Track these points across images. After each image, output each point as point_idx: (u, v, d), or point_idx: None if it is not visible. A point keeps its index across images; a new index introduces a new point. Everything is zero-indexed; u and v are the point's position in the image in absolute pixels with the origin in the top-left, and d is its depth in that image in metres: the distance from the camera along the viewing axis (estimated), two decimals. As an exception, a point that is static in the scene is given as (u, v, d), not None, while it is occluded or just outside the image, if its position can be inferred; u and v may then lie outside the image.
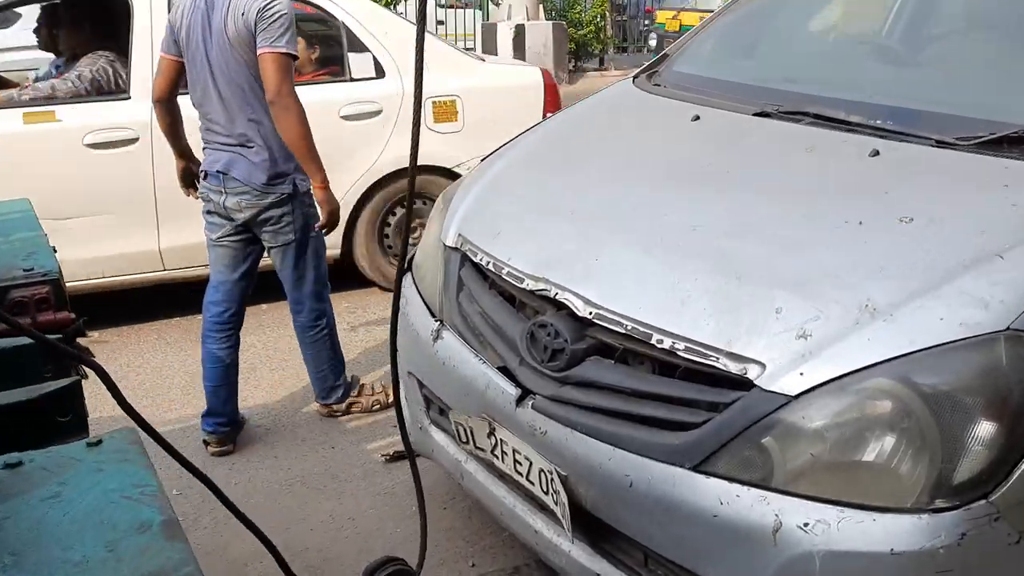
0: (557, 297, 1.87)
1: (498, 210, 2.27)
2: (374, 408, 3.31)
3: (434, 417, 2.35)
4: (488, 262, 2.11)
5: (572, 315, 1.83)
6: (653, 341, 1.67)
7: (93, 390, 3.11)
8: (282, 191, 2.91)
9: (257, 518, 2.68)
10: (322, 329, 3.18)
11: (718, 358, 1.58)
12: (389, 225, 4.56)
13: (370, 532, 2.59)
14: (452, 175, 4.31)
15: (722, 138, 2.24)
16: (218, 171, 2.91)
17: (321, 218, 2.99)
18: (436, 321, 2.23)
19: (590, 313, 1.79)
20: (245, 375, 3.60)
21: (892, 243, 1.66)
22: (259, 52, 2.73)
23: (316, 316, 3.16)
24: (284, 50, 2.74)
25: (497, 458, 2.01)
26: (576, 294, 1.83)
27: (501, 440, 1.97)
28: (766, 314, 1.59)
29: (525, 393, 1.89)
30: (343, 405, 3.30)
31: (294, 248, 3.02)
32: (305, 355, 3.21)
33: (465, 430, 2.08)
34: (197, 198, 3.19)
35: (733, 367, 1.56)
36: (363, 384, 3.39)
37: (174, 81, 3.01)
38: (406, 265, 2.57)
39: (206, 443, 3.11)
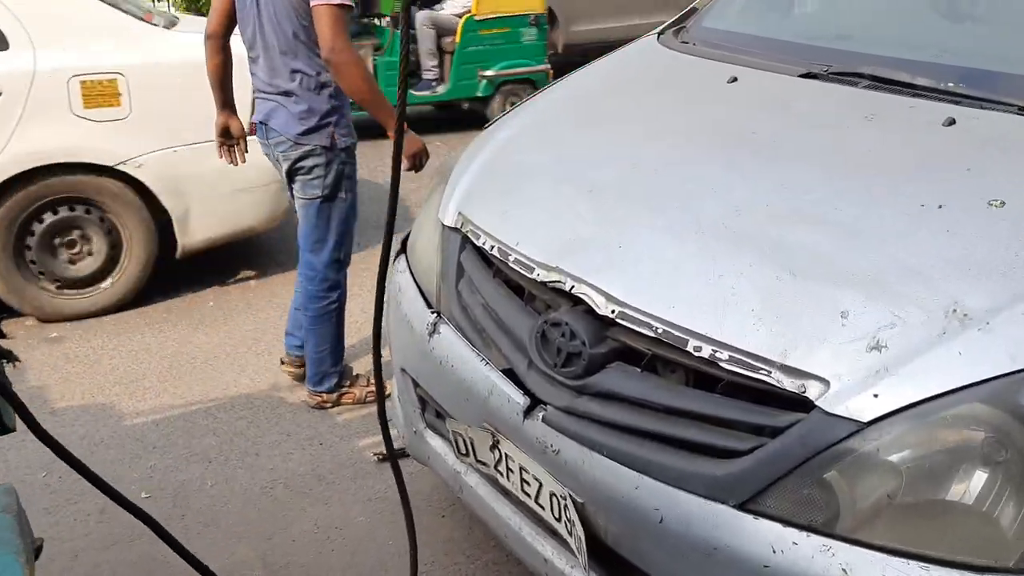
0: (573, 291, 1.60)
1: (505, 185, 2.00)
2: (368, 400, 3.06)
3: (430, 420, 2.10)
4: (492, 246, 1.84)
5: (591, 312, 1.57)
6: (689, 348, 1.41)
7: (66, 374, 2.69)
8: (316, 143, 2.76)
9: (234, 526, 2.49)
10: (332, 303, 2.94)
11: (770, 372, 1.32)
12: (33, 235, 3.64)
13: (359, 543, 2.35)
14: (118, 175, 3.64)
15: (765, 103, 1.96)
16: (261, 122, 2.86)
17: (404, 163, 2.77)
18: (432, 313, 1.96)
19: (612, 311, 1.53)
20: (228, 360, 3.36)
21: (982, 232, 1.39)
22: (313, 4, 2.58)
23: (329, 287, 2.93)
24: (339, 1, 2.56)
25: (501, 475, 1.76)
26: (596, 288, 1.57)
27: (506, 455, 1.72)
28: (829, 319, 1.32)
29: (535, 403, 1.63)
30: (334, 396, 3.05)
31: (318, 205, 2.84)
32: (306, 331, 2.98)
33: (465, 441, 1.83)
34: (231, 161, 3.10)
35: (789, 383, 1.30)
36: (358, 374, 3.14)
37: (227, 18, 2.87)
38: (401, 246, 2.31)
39: (282, 361, 3.20)
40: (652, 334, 1.46)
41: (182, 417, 2.98)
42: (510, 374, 1.71)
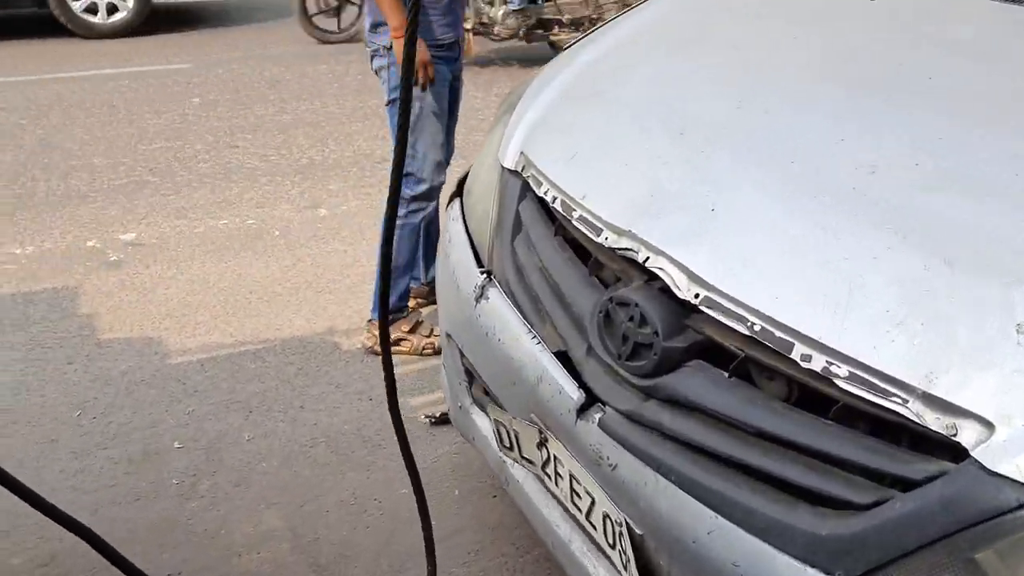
0: (648, 264, 1.27)
1: (578, 121, 1.65)
2: (424, 352, 2.81)
3: (478, 396, 1.82)
4: (555, 198, 1.51)
5: (668, 294, 1.24)
6: (795, 355, 1.06)
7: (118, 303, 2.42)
8: (379, 43, 2.67)
9: (266, 489, 2.28)
10: (415, 212, 2.74)
11: (906, 401, 0.97)
12: None
13: (398, 521, 2.11)
14: None
15: (917, 29, 1.54)
16: None
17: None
18: (482, 274, 1.66)
19: (696, 296, 1.19)
20: (286, 297, 3.16)
21: None
22: None
23: (413, 197, 2.73)
24: None
25: (549, 477, 1.48)
26: (677, 263, 1.23)
27: (555, 457, 1.42)
28: (999, 332, 0.96)
29: (591, 400, 1.32)
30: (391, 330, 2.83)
31: (388, 111, 2.78)
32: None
33: (508, 433, 1.54)
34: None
35: (933, 420, 0.95)
36: (420, 321, 2.89)
37: None
38: (456, 187, 2.00)
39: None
40: (746, 331, 1.12)
41: (229, 359, 2.80)
42: (564, 359, 1.41)
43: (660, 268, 1.25)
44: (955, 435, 0.93)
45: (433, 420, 2.47)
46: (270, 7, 9.62)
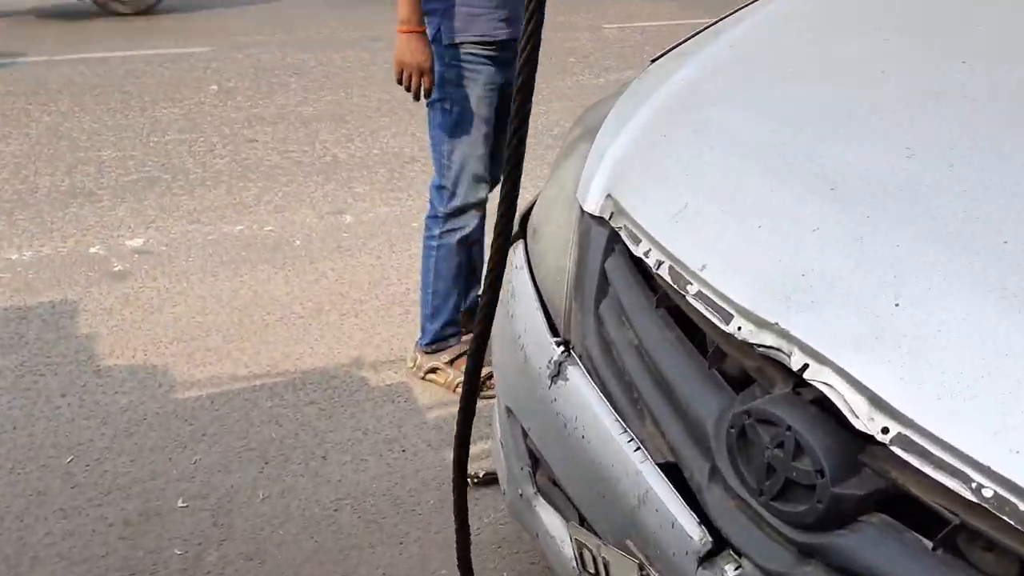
0: (808, 375, 0.95)
1: (681, 162, 1.33)
2: (457, 389, 2.51)
3: (544, 486, 1.51)
4: (660, 262, 1.19)
5: (836, 415, 0.92)
6: (1050, 540, 0.74)
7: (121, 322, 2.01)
8: None
9: (283, 565, 1.88)
10: (431, 237, 2.48)
11: None
12: None
13: (437, 610, 1.82)
14: None
15: None
16: None
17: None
18: (558, 345, 1.35)
19: (885, 431, 0.87)
20: (307, 320, 2.86)
21: None
22: None
23: (431, 216, 2.48)
24: None
25: (649, 625, 1.17)
26: (851, 379, 0.91)
27: (659, 605, 1.11)
28: None
29: (720, 544, 1.01)
30: (426, 360, 2.54)
31: (428, 112, 2.40)
32: None
33: (595, 558, 1.23)
34: None
35: None
36: (465, 351, 2.58)
37: None
38: (517, 224, 1.69)
39: None
40: (967, 492, 0.81)
41: (242, 395, 2.51)
42: (674, 475, 1.10)
43: (826, 384, 0.93)
44: None
45: (476, 480, 2.17)
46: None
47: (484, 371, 2.53)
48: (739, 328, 1.04)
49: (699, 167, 1.27)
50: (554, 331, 1.39)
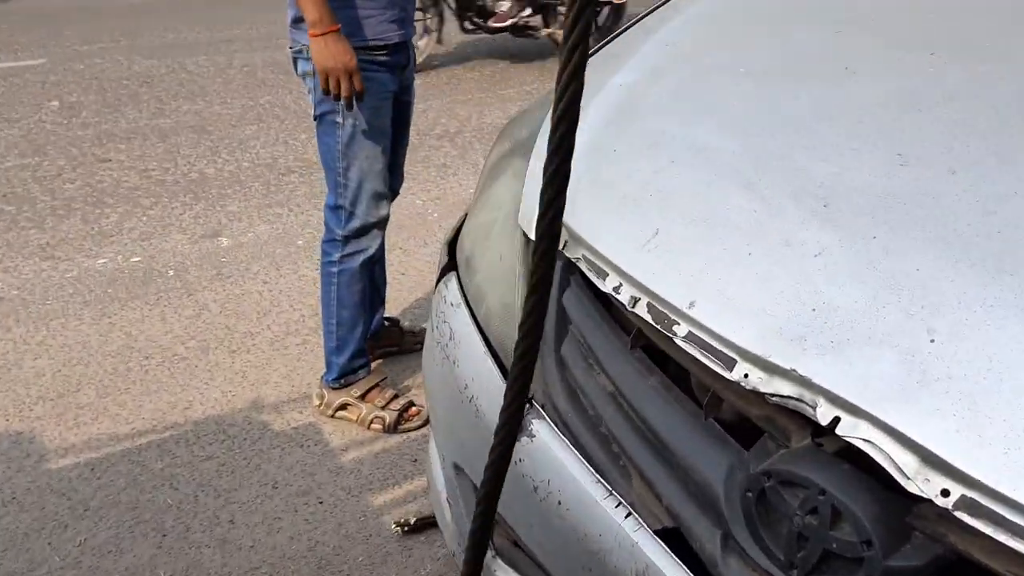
0: (843, 431, 0.83)
1: (643, 180, 1.19)
2: (372, 426, 2.33)
3: (503, 547, 1.35)
4: (636, 299, 1.05)
5: (874, 471, 0.81)
6: None
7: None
8: (301, 41, 2.09)
9: None
10: (331, 263, 2.28)
11: None
12: None
13: None
14: None
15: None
16: None
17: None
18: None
19: (944, 493, 0.76)
20: (193, 360, 2.60)
21: None
22: None
23: (329, 240, 2.27)
24: None
25: None
26: (901, 435, 0.79)
27: None
28: None
29: (745, 628, 0.88)
30: (334, 399, 2.34)
31: (315, 127, 2.17)
32: None
33: (585, 642, 1.08)
34: None
35: None
36: (378, 385, 2.39)
37: None
38: (446, 245, 1.52)
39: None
40: (1052, 563, 0.70)
41: (127, 457, 2.23)
42: (676, 541, 0.97)
43: (866, 440, 0.81)
44: None
45: (406, 528, 1.99)
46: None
47: (401, 401, 2.36)
48: (745, 375, 0.91)
49: (663, 186, 1.13)
50: (505, 375, 1.23)
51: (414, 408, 2.36)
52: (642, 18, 1.57)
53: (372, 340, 2.51)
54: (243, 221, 3.61)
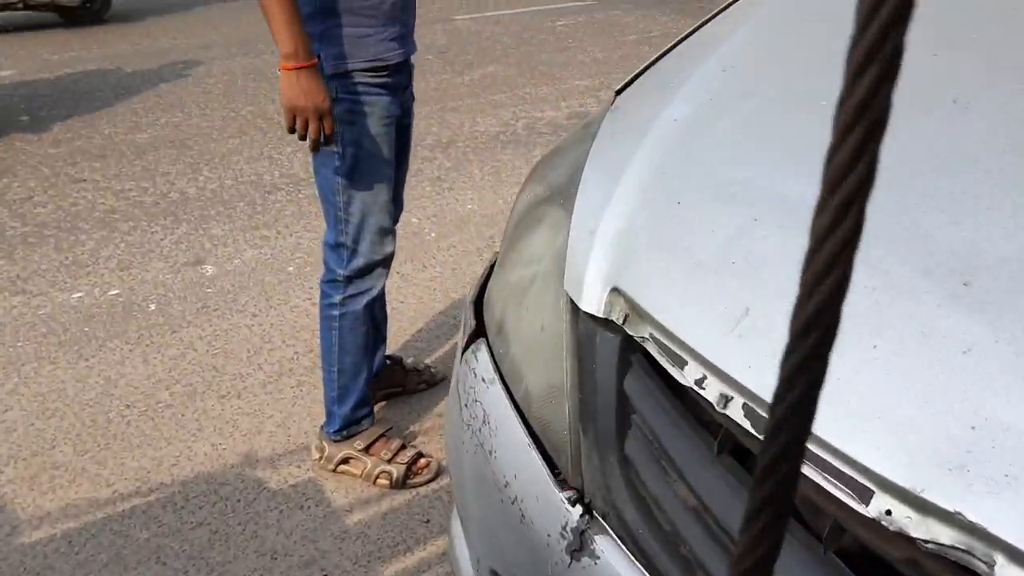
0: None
1: (720, 239, 1.00)
2: (379, 481, 2.13)
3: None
4: (728, 397, 0.86)
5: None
6: None
7: None
8: None
9: None
10: (332, 305, 2.08)
11: None
12: None
13: None
14: None
15: None
16: None
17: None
18: (573, 504, 1.00)
19: None
20: (178, 408, 2.39)
21: None
22: None
23: (330, 282, 2.08)
24: None
25: None
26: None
27: None
28: None
29: None
30: (335, 453, 2.15)
31: (312, 156, 1.94)
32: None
33: None
34: None
35: None
36: (383, 435, 2.19)
37: None
38: (471, 305, 1.32)
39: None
40: None
41: (109, 526, 2.02)
42: None
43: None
44: None
45: (423, 606, 1.79)
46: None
47: (409, 453, 2.16)
48: (887, 512, 0.72)
49: (749, 251, 0.94)
50: (561, 481, 1.03)
51: (423, 460, 2.17)
52: (689, 35, 1.38)
53: (374, 381, 2.31)
54: (228, 246, 3.39)
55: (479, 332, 1.26)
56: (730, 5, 1.42)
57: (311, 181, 1.95)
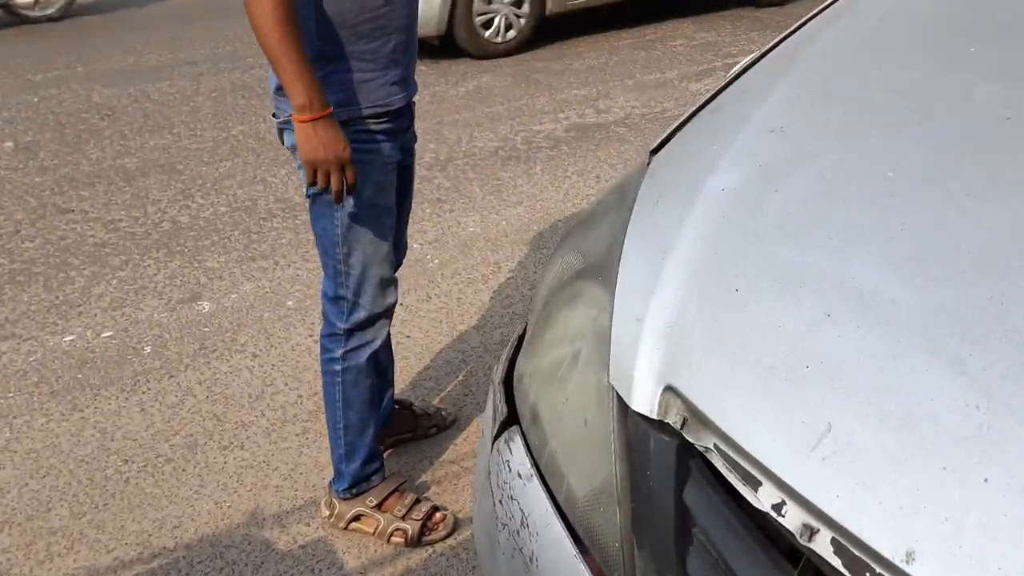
0: None
1: (790, 335, 0.90)
2: (393, 538, 2.04)
3: None
4: (813, 529, 0.78)
5: None
6: None
7: None
8: (287, 110, 1.71)
9: None
10: (334, 361, 1.99)
11: None
12: None
13: None
14: None
15: None
16: None
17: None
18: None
19: None
20: (179, 463, 2.30)
21: None
22: None
23: (331, 336, 1.98)
24: None
25: None
26: None
27: None
28: None
29: None
30: (346, 510, 2.06)
31: (308, 207, 1.87)
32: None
33: None
34: None
35: None
36: (397, 490, 2.10)
37: None
38: (500, 385, 1.23)
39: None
40: None
41: (111, 598, 1.93)
42: None
43: None
44: None
45: None
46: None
47: (424, 508, 2.07)
48: None
49: (825, 354, 0.85)
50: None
51: (439, 514, 2.08)
52: (725, 87, 1.29)
53: (383, 428, 2.22)
54: (224, 279, 3.29)
55: (512, 418, 1.17)
56: (767, 53, 1.33)
57: (307, 205, 1.85)
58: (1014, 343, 0.78)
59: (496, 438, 1.17)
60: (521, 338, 1.29)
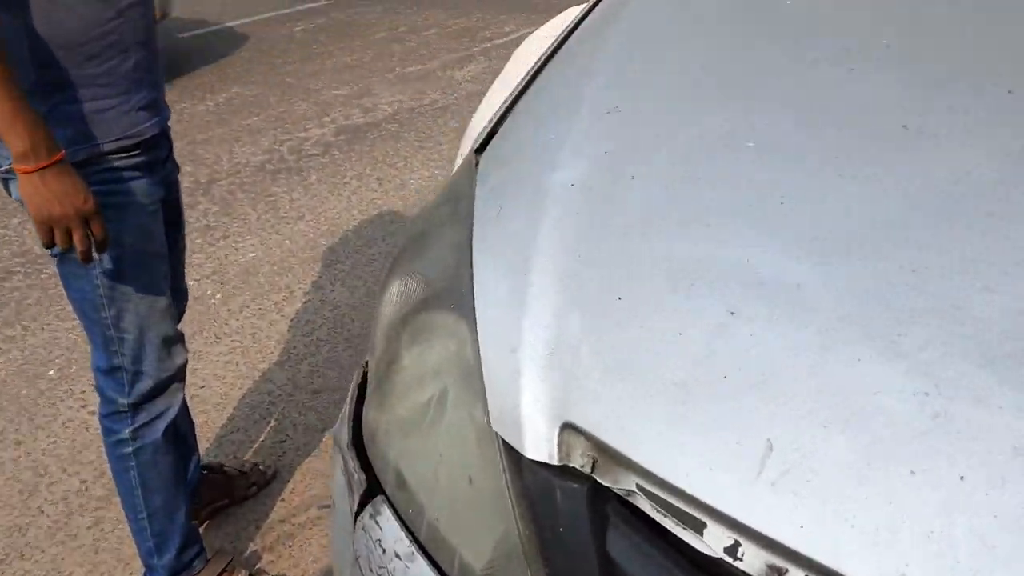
0: None
1: (702, 333, 0.79)
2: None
3: None
4: (778, 571, 0.67)
5: None
6: None
7: None
8: (3, 159, 1.41)
9: None
10: (122, 443, 1.69)
11: None
12: None
13: None
14: None
15: None
16: None
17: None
18: None
19: None
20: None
21: None
22: None
23: (112, 415, 1.67)
24: None
25: None
26: None
27: None
28: None
29: None
30: None
31: (57, 264, 1.55)
32: None
33: None
34: None
35: None
36: (225, 567, 1.84)
37: None
38: (351, 449, 1.05)
39: None
40: None
41: None
42: None
43: None
44: None
45: None
46: None
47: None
48: None
49: (738, 358, 0.75)
50: None
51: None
52: (542, 68, 1.17)
53: (193, 502, 1.95)
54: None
55: (374, 487, 0.99)
56: (571, 33, 1.22)
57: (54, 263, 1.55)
58: (943, 314, 0.71)
59: (358, 514, 0.99)
60: (362, 387, 1.11)
